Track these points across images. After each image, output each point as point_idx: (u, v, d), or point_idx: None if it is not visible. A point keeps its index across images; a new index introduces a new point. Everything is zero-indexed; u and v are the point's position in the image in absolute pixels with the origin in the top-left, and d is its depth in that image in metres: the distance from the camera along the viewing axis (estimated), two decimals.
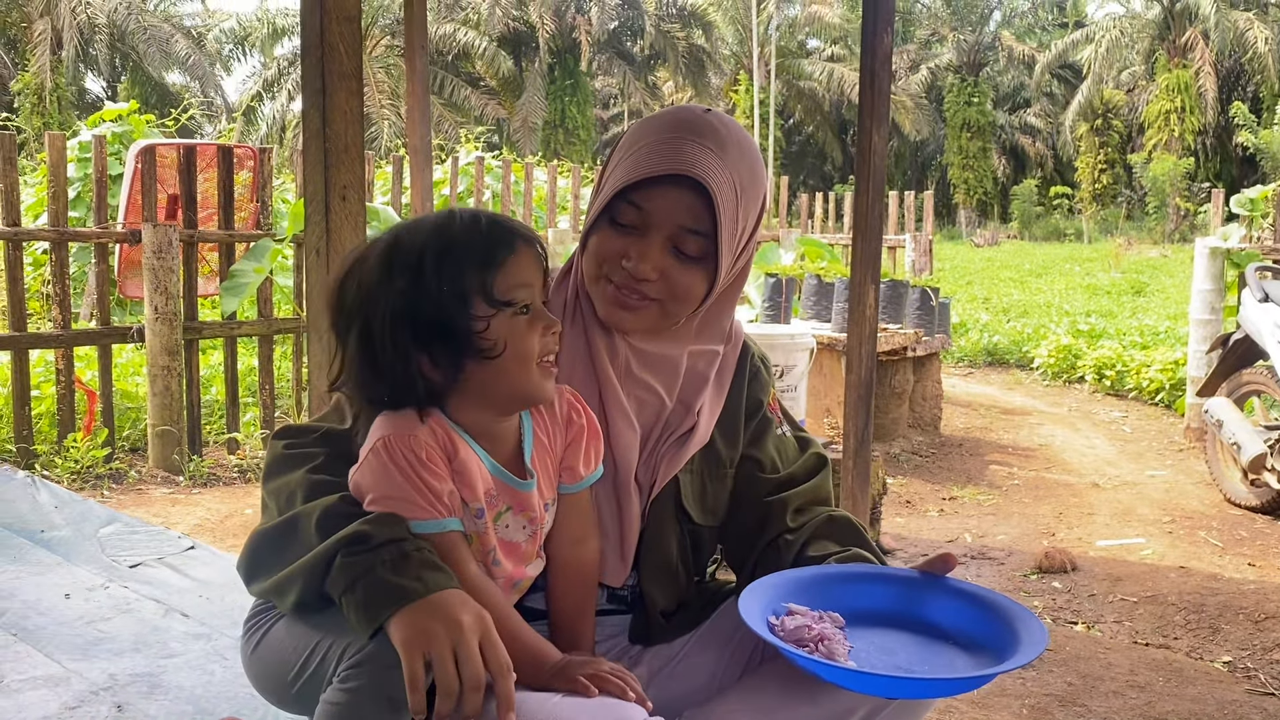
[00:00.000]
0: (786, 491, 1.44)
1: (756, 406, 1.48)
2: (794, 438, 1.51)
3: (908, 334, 5.43)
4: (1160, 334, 8.38)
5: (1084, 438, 5.99)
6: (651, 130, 1.34)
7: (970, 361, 8.48)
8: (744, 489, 1.45)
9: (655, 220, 1.30)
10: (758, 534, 1.43)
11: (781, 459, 1.48)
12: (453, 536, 1.19)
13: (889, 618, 1.26)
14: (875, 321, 3.31)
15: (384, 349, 1.15)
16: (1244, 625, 3.30)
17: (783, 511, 1.43)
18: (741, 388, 1.48)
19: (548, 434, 1.29)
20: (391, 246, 1.17)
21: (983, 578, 3.81)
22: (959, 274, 14.77)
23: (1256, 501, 4.36)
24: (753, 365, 1.51)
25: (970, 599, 1.25)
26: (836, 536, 1.39)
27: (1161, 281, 13.73)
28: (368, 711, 1.09)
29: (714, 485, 1.44)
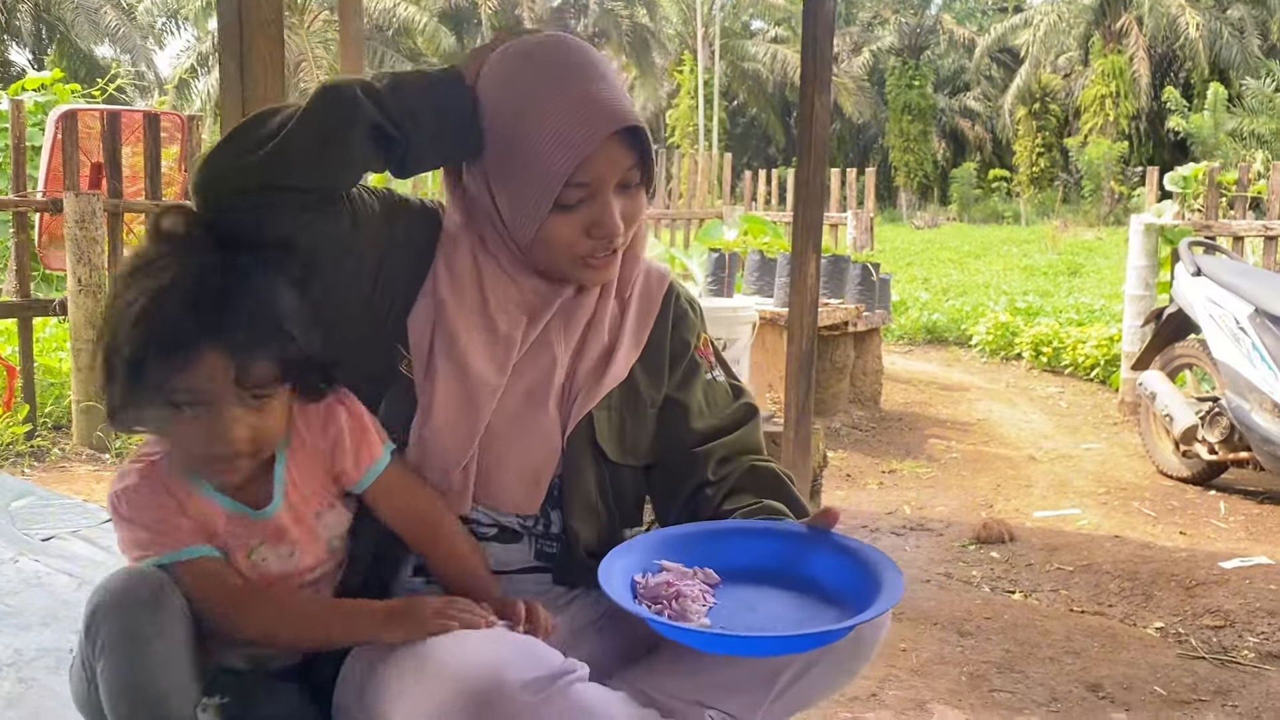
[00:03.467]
0: (713, 441, 1.41)
1: (683, 348, 1.45)
2: (726, 384, 1.48)
3: (849, 309, 5.44)
4: (1095, 311, 8.52)
5: (1021, 412, 6.07)
6: (547, 93, 1.26)
7: (910, 339, 8.55)
8: (669, 435, 1.42)
9: (603, 183, 1.27)
10: (681, 483, 1.41)
11: (710, 405, 1.44)
12: (204, 564, 1.19)
13: (767, 574, 1.24)
14: (816, 292, 3.29)
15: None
16: (1176, 592, 3.35)
17: (706, 462, 1.40)
18: (666, 326, 1.44)
19: (306, 446, 1.25)
20: (119, 307, 1.14)
21: (922, 549, 3.83)
22: (900, 255, 14.91)
23: (1188, 472, 4.44)
24: (679, 306, 1.47)
25: (847, 553, 1.23)
26: (754, 489, 1.37)
27: (1096, 263, 13.98)
28: None
29: (634, 423, 1.40)
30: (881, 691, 2.69)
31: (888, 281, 6.03)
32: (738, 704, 1.27)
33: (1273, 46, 26.77)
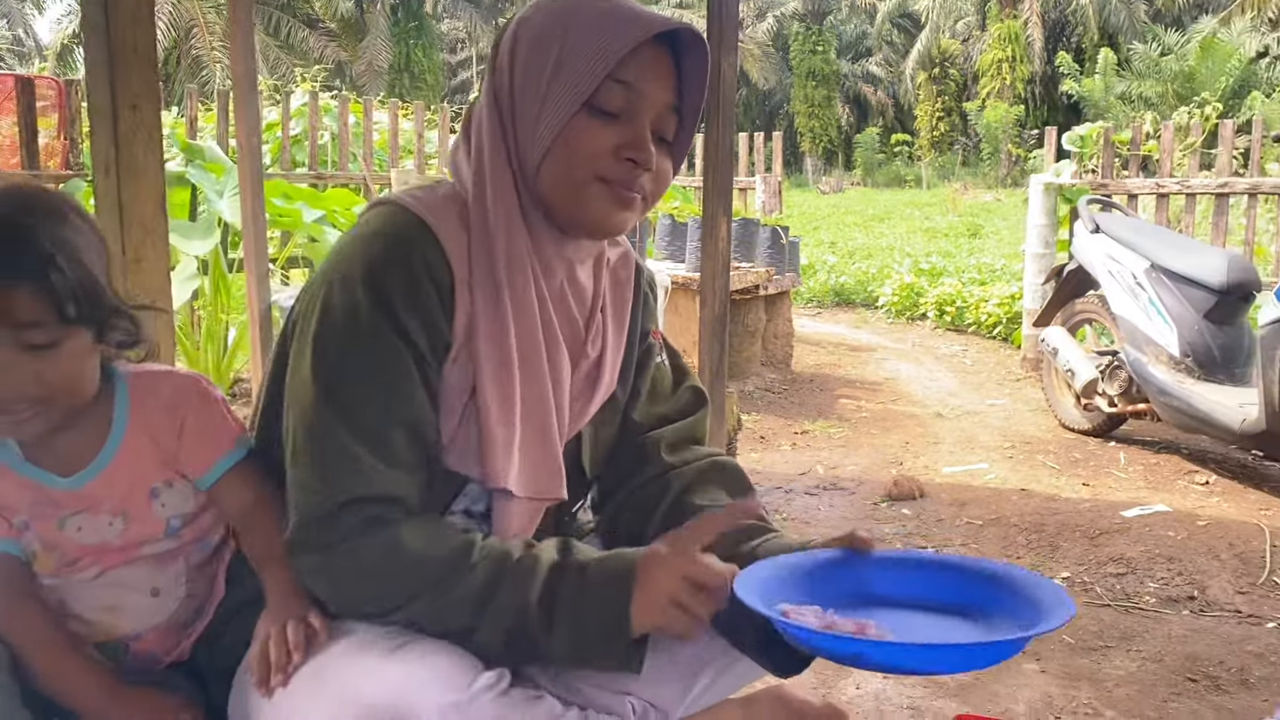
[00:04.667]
0: (662, 428, 1.35)
1: (644, 337, 1.37)
2: (670, 366, 1.40)
3: (759, 272, 5.45)
4: (996, 271, 8.70)
5: (927, 371, 6.17)
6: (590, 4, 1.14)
7: (819, 302, 8.63)
8: (622, 427, 1.35)
9: (646, 100, 1.15)
10: (630, 474, 1.34)
11: (658, 391, 1.37)
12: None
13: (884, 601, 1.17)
14: (728, 255, 3.26)
15: None
16: (1080, 542, 3.44)
17: (656, 449, 1.33)
18: (637, 318, 1.35)
19: (147, 419, 1.19)
20: None
21: (835, 507, 3.86)
22: (807, 220, 15.04)
23: (1089, 425, 4.56)
24: (644, 290, 1.37)
25: (918, 566, 1.19)
26: (727, 486, 1.32)
27: (995, 224, 14.31)
28: None
29: (604, 432, 1.32)
30: None
31: (797, 245, 6.05)
32: (663, 695, 1.25)
33: (1158, 12, 27.63)
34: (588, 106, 1.13)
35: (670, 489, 1.31)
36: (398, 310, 1.10)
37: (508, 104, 1.16)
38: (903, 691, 2.46)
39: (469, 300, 1.15)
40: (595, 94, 1.12)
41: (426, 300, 1.12)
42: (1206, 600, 3.02)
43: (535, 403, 1.18)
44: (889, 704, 2.40)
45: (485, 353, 1.15)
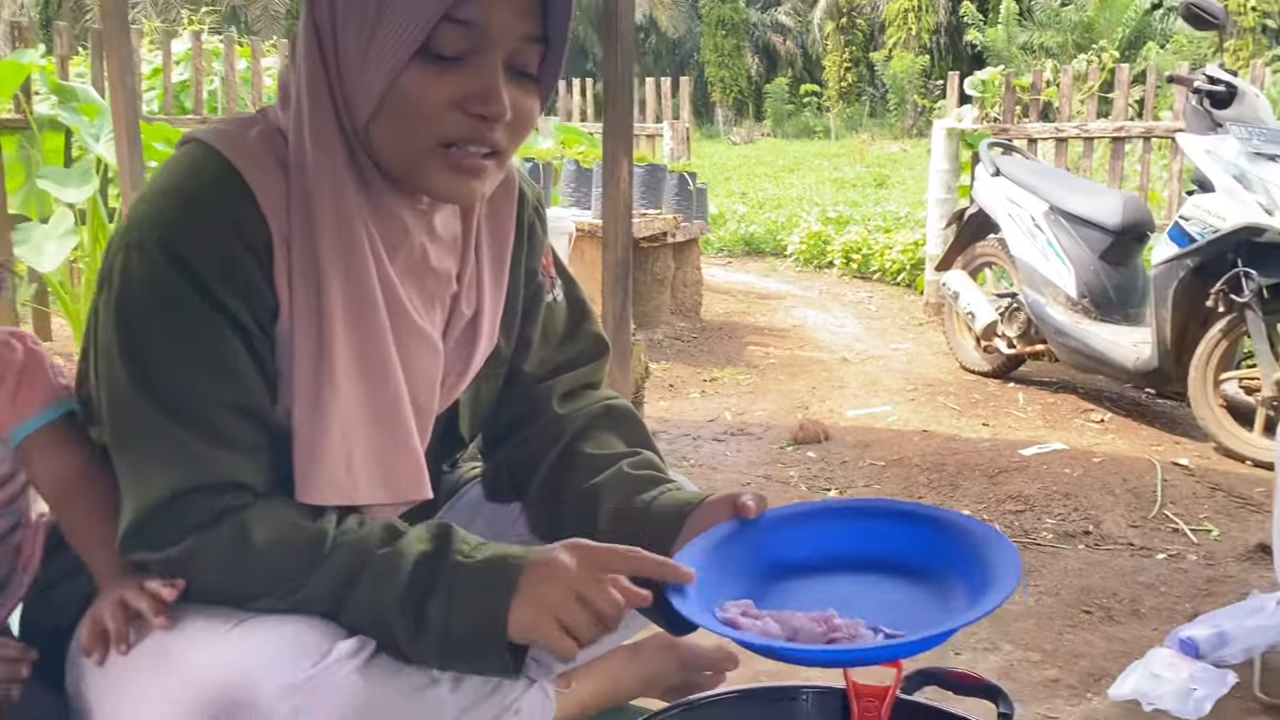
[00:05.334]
0: (557, 377, 1.23)
1: (532, 276, 1.21)
2: (567, 303, 1.26)
3: (667, 219, 5.39)
4: (901, 219, 8.79)
5: (834, 317, 6.21)
6: None
7: (729, 252, 8.62)
8: (509, 377, 1.22)
9: (494, 37, 0.97)
10: (519, 425, 1.23)
11: (550, 334, 1.24)
12: None
13: (824, 564, 1.10)
14: (630, 197, 3.18)
15: None
16: (980, 480, 3.49)
17: (548, 399, 1.22)
18: (520, 256, 1.19)
19: None
20: None
21: (742, 452, 3.86)
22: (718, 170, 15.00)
23: (989, 367, 4.63)
24: (529, 219, 1.21)
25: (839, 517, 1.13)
26: (622, 433, 1.22)
27: (901, 174, 14.46)
28: None
29: (487, 388, 1.19)
30: None
31: (704, 191, 6.00)
32: (546, 651, 1.18)
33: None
34: (422, 52, 0.95)
35: (561, 437, 1.22)
36: (206, 278, 0.95)
37: (330, 39, 0.99)
38: None
39: (288, 261, 0.99)
40: (430, 38, 0.94)
41: (240, 264, 0.97)
42: (1101, 535, 3.09)
43: (382, 400, 1.03)
44: None
45: (299, 349, 0.99)
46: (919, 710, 1.03)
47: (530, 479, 1.23)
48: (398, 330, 1.03)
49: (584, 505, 1.16)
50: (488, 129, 0.98)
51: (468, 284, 1.12)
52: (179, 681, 0.91)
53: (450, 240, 1.10)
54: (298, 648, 0.93)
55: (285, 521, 0.98)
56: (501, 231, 1.16)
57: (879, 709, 0.96)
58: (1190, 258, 3.64)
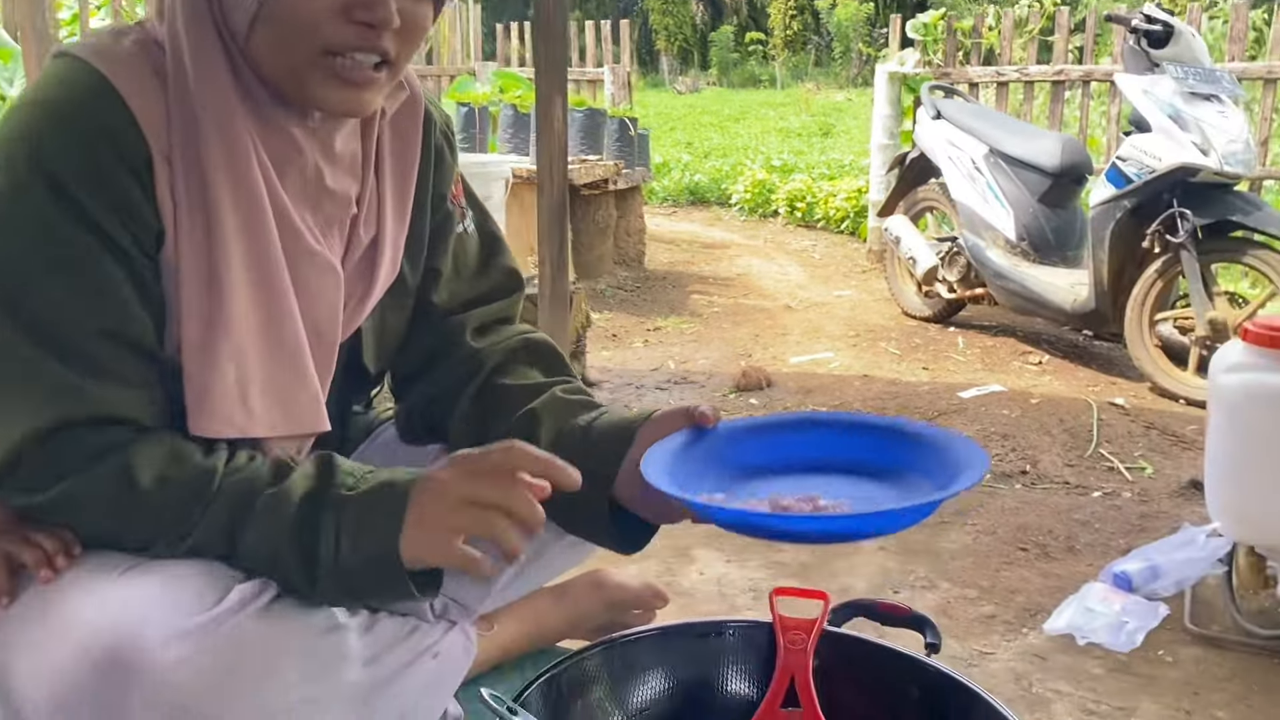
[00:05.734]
0: (469, 311, 1.18)
1: (441, 203, 1.15)
2: (479, 235, 1.21)
3: (608, 165, 5.30)
4: (845, 167, 8.77)
5: (778, 266, 6.19)
6: None
7: (674, 201, 8.55)
8: (419, 310, 1.16)
9: None
10: (432, 360, 1.17)
11: (462, 267, 1.18)
12: None
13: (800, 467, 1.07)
14: (564, 138, 3.11)
15: None
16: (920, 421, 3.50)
17: (461, 333, 1.16)
18: (427, 179, 1.13)
19: None
20: None
21: (685, 400, 3.81)
22: (663, 119, 14.85)
23: (930, 311, 4.64)
24: (437, 143, 1.15)
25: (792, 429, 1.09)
26: (542, 366, 1.17)
27: (846, 123, 14.43)
28: None
29: (393, 318, 1.13)
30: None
31: (646, 137, 5.92)
32: (466, 589, 1.14)
33: None
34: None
35: (478, 371, 1.17)
36: (79, 196, 0.88)
37: None
38: (745, 575, 2.45)
39: (170, 181, 0.92)
40: None
41: (117, 181, 0.89)
42: (1038, 474, 3.12)
43: (277, 328, 0.97)
44: (731, 587, 2.38)
45: (187, 275, 0.93)
46: (846, 642, 1.01)
47: (447, 416, 1.17)
48: (292, 255, 0.97)
49: (516, 434, 1.11)
50: (374, 36, 0.92)
51: (367, 207, 1.06)
52: (64, 633, 0.85)
53: (349, 161, 1.04)
54: (190, 593, 0.88)
55: (170, 458, 0.92)
56: (406, 154, 1.10)
57: (806, 641, 0.94)
58: (1127, 199, 3.66)
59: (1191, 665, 2.08)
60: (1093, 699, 1.96)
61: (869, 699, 0.96)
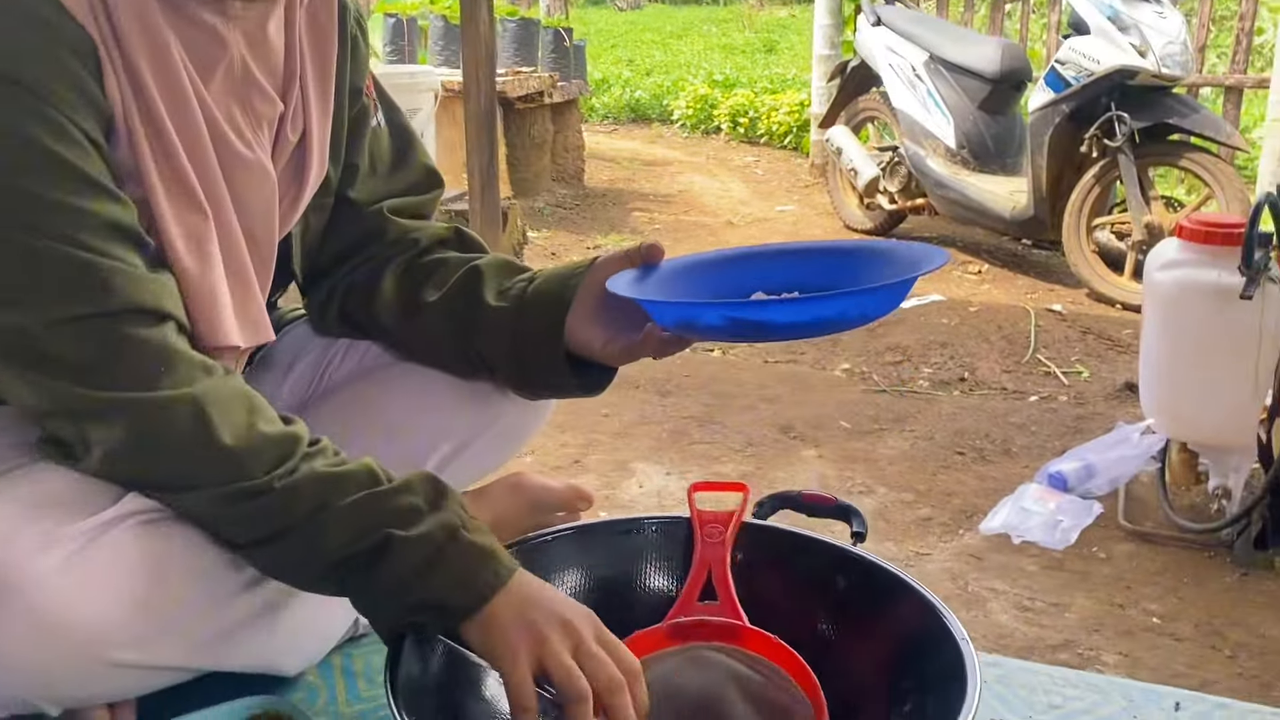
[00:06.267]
0: (384, 202, 1.10)
1: (356, 96, 1.08)
2: (390, 129, 1.14)
3: (543, 77, 5.14)
4: (788, 81, 8.65)
5: (720, 182, 6.11)
6: None
7: (615, 119, 8.38)
8: (337, 209, 1.09)
9: None
10: (349, 253, 1.10)
11: (377, 163, 1.12)
12: None
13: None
14: (491, 42, 2.98)
15: None
16: (859, 335, 3.48)
17: (382, 225, 1.09)
18: (344, 73, 1.05)
19: None
20: None
21: None
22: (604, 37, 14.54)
23: (871, 224, 4.61)
24: (352, 32, 1.07)
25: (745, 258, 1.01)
26: (468, 250, 1.10)
27: (790, 39, 14.23)
28: None
29: (316, 219, 1.07)
30: (584, 457, 2.62)
31: (582, 49, 5.76)
32: None
33: None
34: None
35: (405, 252, 1.10)
36: (37, 87, 0.78)
37: None
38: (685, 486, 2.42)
39: (113, 73, 0.83)
40: None
41: (71, 69, 0.80)
42: (976, 380, 3.12)
43: (222, 234, 0.90)
44: (671, 499, 2.36)
45: (149, 173, 0.85)
46: (768, 534, 0.97)
47: (369, 302, 1.09)
48: (225, 161, 0.89)
49: (457, 293, 1.05)
50: None
51: (294, 104, 0.98)
52: None
53: (276, 53, 0.95)
54: (66, 502, 0.82)
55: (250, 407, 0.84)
56: (324, 45, 1.01)
57: (723, 534, 0.90)
58: (1065, 103, 3.63)
59: (1124, 560, 2.10)
60: (1028, 595, 1.97)
61: (793, 590, 0.92)
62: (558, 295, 0.98)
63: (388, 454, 1.06)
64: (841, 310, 0.85)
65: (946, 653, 0.79)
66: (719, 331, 0.89)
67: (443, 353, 1.06)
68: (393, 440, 1.07)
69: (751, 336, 0.92)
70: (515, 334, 0.98)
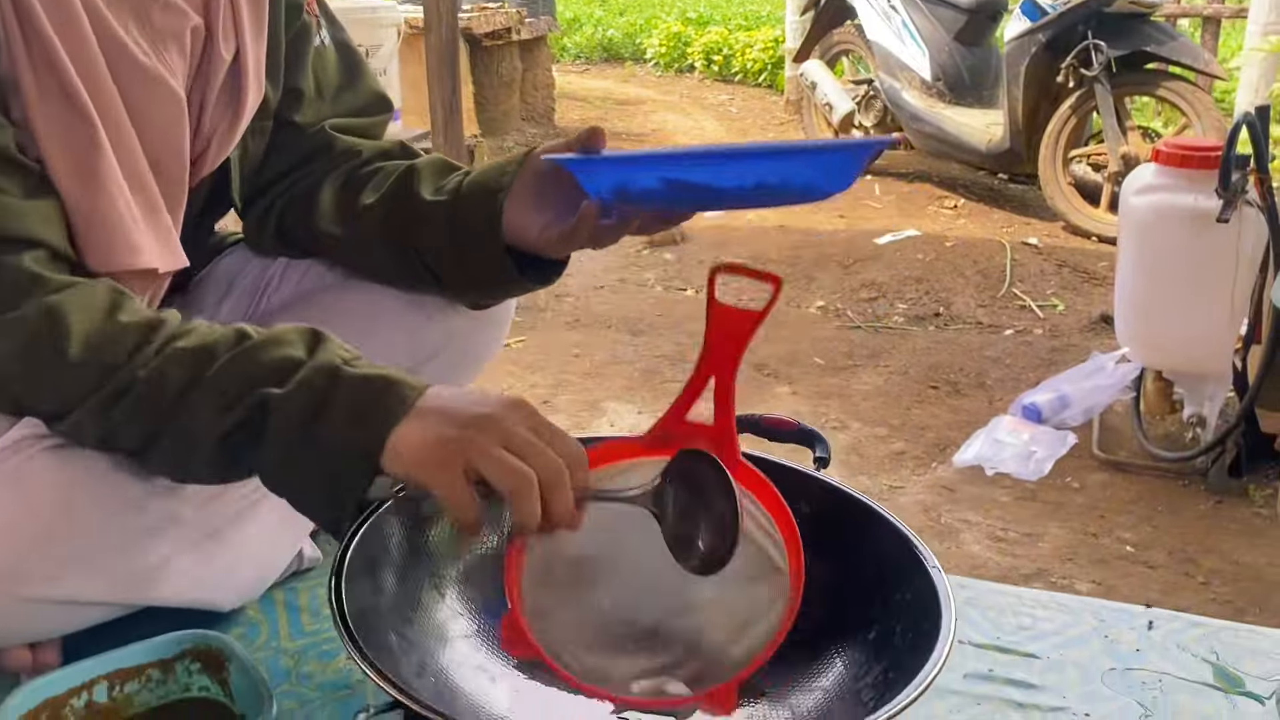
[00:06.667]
0: (329, 120, 1.04)
1: (296, 14, 1.02)
2: (334, 45, 1.07)
3: (510, 13, 5.01)
4: (763, 17, 8.51)
5: (693, 120, 6.01)
6: None
7: (586, 58, 8.24)
8: (280, 134, 1.03)
9: None
10: (288, 171, 1.04)
11: (321, 86, 1.05)
12: None
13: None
14: None
15: None
16: (835, 272, 3.44)
17: (327, 144, 1.04)
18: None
19: None
20: None
21: (596, 258, 3.70)
22: None
23: None
24: None
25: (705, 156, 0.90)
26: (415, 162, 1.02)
27: None
28: None
29: (255, 144, 1.01)
30: (554, 398, 2.58)
31: None
32: None
33: None
34: None
35: (346, 163, 1.04)
36: None
37: None
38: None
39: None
40: None
41: None
42: (951, 315, 3.09)
43: (120, 152, 0.84)
44: None
45: (42, 88, 0.79)
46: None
47: (310, 212, 1.03)
48: (118, 68, 0.82)
49: (391, 195, 0.99)
50: None
51: (224, 20, 0.91)
52: None
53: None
54: None
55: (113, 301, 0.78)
56: None
57: (746, 334, 0.78)
58: (1042, 32, 3.56)
59: (1098, 490, 2.09)
60: (1000, 526, 1.96)
61: None
62: (494, 184, 0.92)
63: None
64: (785, 174, 0.77)
65: (916, 579, 0.76)
66: (655, 196, 0.81)
67: (383, 256, 1.00)
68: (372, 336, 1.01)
69: (692, 202, 0.83)
70: (453, 227, 0.93)
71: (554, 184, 0.90)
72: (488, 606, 0.85)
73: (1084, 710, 0.81)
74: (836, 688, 0.77)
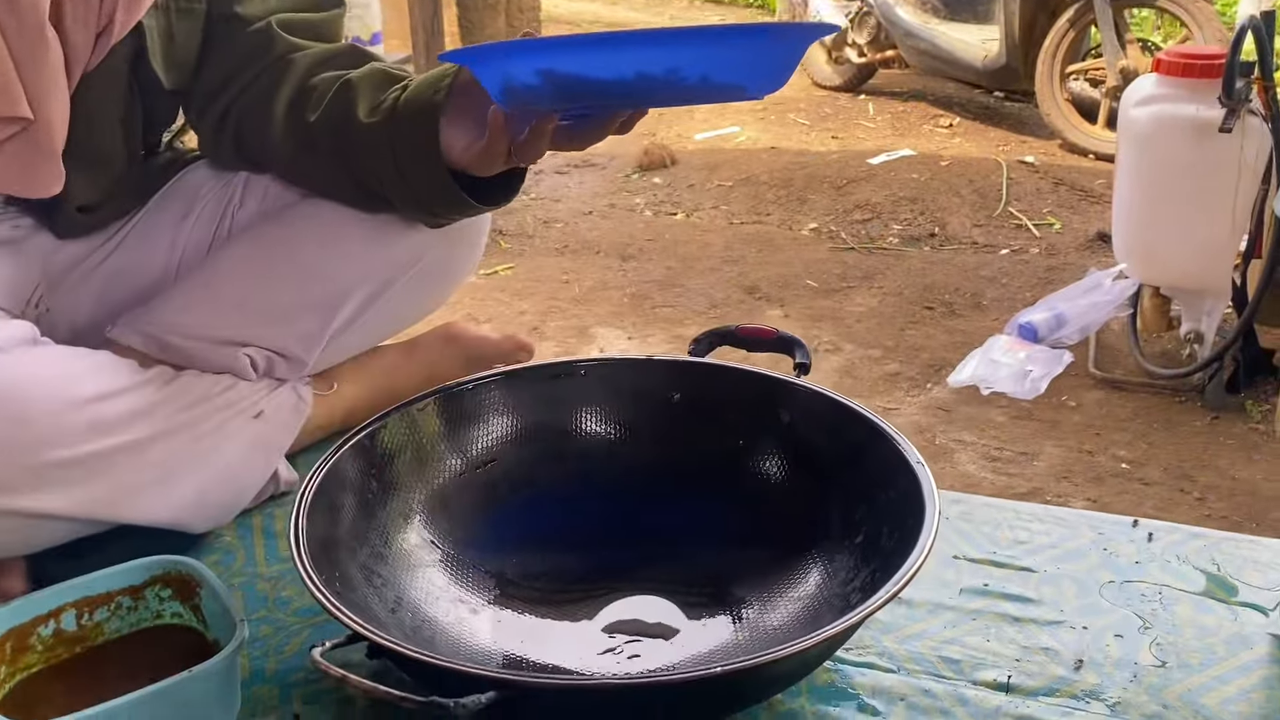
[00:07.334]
0: (276, 15, 0.98)
1: None
2: None
3: None
4: None
5: None
6: None
7: None
8: (221, 22, 0.97)
9: None
10: (238, 69, 0.97)
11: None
12: None
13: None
14: None
15: None
16: (828, 193, 3.38)
17: (272, 38, 0.97)
18: None
19: None
20: None
21: (586, 184, 3.65)
22: None
23: (840, 80, 4.45)
24: None
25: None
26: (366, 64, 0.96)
27: None
28: None
29: (183, 26, 0.94)
30: (543, 324, 2.54)
31: None
32: (292, 339, 0.96)
33: None
34: None
35: (294, 68, 0.97)
36: None
37: None
38: (648, 351, 2.36)
39: None
40: None
41: None
42: (946, 235, 3.04)
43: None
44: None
45: None
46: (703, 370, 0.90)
47: (265, 129, 0.98)
48: None
49: (331, 113, 0.93)
50: None
51: None
52: None
53: None
54: None
55: None
56: None
57: None
58: None
59: (1094, 408, 2.06)
60: (995, 446, 1.94)
61: (736, 429, 0.85)
62: (428, 102, 0.86)
63: (304, 299, 0.97)
64: (672, 65, 0.64)
65: (901, 478, 0.73)
66: (542, 95, 0.69)
67: (332, 179, 0.95)
68: (308, 284, 0.97)
69: (587, 104, 0.73)
70: (394, 150, 0.87)
71: (478, 98, 0.83)
72: (464, 537, 0.83)
73: (1082, 623, 0.78)
74: (825, 593, 0.75)
